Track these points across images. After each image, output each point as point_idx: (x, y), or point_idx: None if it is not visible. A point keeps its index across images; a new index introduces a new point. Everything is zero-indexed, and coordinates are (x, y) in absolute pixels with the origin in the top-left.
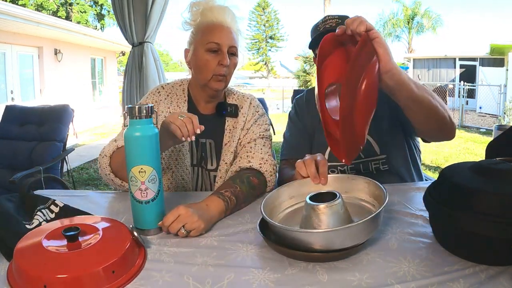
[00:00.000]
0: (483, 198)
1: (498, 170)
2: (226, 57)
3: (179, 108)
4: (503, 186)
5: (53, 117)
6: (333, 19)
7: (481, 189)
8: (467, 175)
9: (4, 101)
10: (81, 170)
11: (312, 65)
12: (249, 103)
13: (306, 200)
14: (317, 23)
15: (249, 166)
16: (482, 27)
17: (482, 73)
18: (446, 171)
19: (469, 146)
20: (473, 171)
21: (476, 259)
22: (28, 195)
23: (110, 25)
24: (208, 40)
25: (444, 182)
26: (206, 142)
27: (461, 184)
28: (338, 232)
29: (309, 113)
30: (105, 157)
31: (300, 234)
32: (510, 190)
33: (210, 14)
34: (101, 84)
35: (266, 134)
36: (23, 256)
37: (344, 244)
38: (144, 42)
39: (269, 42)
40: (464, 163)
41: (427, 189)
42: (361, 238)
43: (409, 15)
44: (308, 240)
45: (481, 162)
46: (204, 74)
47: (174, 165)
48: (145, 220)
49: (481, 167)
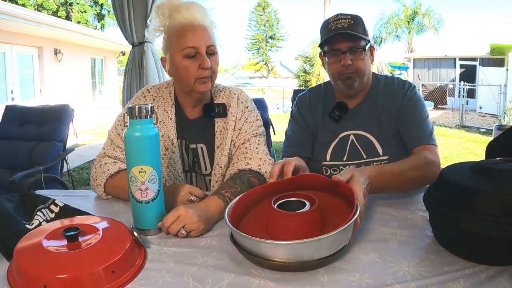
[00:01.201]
0: (483, 198)
1: (498, 170)
2: (205, 59)
3: (166, 113)
4: (503, 186)
5: (53, 117)
6: (345, 18)
7: (481, 189)
8: (467, 175)
9: (4, 101)
10: (81, 170)
11: (312, 65)
12: (236, 99)
13: (273, 207)
14: (328, 20)
15: (248, 169)
16: (482, 27)
17: (482, 73)
18: (445, 171)
19: (469, 146)
20: (473, 171)
21: (476, 259)
22: (28, 195)
23: (110, 25)
24: (184, 46)
25: (444, 182)
26: (197, 147)
27: (461, 184)
28: (304, 245)
29: (312, 112)
30: (99, 186)
31: (263, 244)
32: (510, 190)
33: (177, 15)
34: (101, 84)
35: (259, 131)
36: (23, 256)
37: (312, 256)
38: (144, 42)
39: (269, 42)
40: (464, 163)
41: (427, 189)
42: (329, 250)
43: (410, 15)
44: (271, 251)
45: (481, 162)
46: (186, 81)
47: (166, 173)
48: (145, 220)
49: (481, 167)
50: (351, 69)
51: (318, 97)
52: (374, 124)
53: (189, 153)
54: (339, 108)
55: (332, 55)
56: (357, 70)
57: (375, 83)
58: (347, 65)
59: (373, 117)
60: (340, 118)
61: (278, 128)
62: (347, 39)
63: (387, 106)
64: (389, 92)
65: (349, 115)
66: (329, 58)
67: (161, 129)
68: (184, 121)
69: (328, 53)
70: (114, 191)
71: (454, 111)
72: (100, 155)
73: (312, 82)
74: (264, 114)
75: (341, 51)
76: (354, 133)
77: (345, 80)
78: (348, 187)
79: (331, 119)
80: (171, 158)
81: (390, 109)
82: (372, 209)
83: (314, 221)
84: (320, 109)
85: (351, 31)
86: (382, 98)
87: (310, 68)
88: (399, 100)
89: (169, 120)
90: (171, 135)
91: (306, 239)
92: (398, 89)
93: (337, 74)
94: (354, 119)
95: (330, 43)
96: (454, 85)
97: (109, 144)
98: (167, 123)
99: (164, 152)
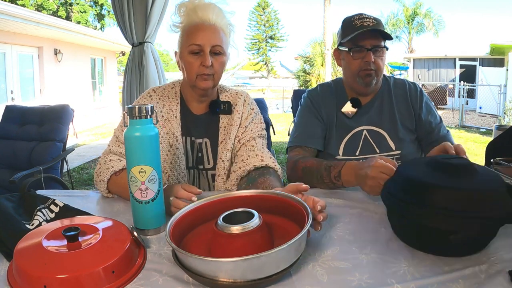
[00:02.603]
0: (439, 193)
1: (454, 165)
2: (207, 58)
3: (171, 111)
4: (459, 181)
5: (53, 117)
6: (369, 18)
7: (437, 185)
8: (424, 171)
9: (4, 101)
10: (81, 170)
11: (312, 65)
12: (243, 100)
13: (217, 221)
14: (352, 18)
15: (265, 165)
16: (482, 27)
17: (482, 73)
18: (402, 168)
19: (469, 146)
20: (429, 167)
21: (433, 251)
22: (28, 195)
23: (110, 25)
24: (190, 42)
25: (401, 178)
26: (203, 141)
27: (418, 180)
28: (250, 261)
29: (326, 107)
30: (102, 183)
31: (204, 262)
32: (465, 185)
33: (194, 14)
34: (101, 84)
35: (263, 134)
36: (23, 256)
37: (256, 275)
38: (144, 42)
39: (269, 42)
40: (420, 159)
41: (384, 184)
42: (277, 266)
43: (410, 15)
44: (213, 269)
45: (437, 158)
46: (190, 75)
47: (170, 169)
48: (145, 220)
49: (436, 163)
50: (372, 67)
51: (331, 93)
52: (387, 120)
53: (194, 149)
54: (353, 103)
55: (356, 51)
56: (378, 68)
57: (385, 83)
58: (370, 62)
59: (385, 113)
60: (354, 113)
61: (278, 128)
62: (373, 37)
63: (400, 104)
64: (401, 92)
65: (362, 111)
66: (353, 54)
67: (166, 126)
68: (189, 117)
69: (353, 49)
70: (116, 189)
71: (454, 111)
72: (105, 152)
73: (312, 82)
74: (264, 114)
75: (366, 48)
76: (367, 128)
77: (364, 78)
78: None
79: (345, 115)
80: (175, 154)
81: (404, 108)
82: (372, 209)
83: (260, 240)
84: (334, 104)
85: (379, 29)
86: (394, 96)
87: (310, 68)
88: (413, 102)
89: (174, 118)
90: (176, 132)
91: (251, 256)
92: (410, 90)
93: (358, 71)
94: (367, 115)
95: (356, 40)
96: (454, 85)
97: (114, 141)
98: (172, 121)
99: (169, 149)
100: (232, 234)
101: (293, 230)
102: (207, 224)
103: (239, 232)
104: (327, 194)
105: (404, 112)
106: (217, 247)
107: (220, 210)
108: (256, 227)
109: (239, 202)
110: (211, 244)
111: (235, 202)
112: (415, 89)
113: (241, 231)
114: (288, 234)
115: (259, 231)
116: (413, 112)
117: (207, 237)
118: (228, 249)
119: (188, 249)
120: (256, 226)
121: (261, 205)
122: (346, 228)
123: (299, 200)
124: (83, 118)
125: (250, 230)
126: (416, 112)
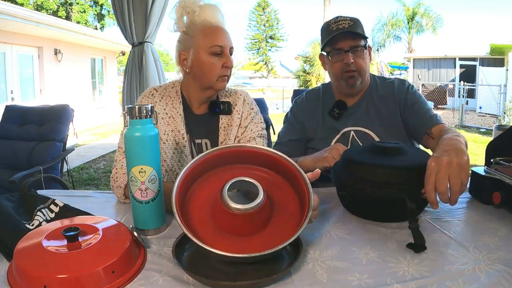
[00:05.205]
0: (381, 170)
1: (389, 148)
2: (230, 59)
3: (174, 109)
4: (394, 160)
5: (53, 117)
6: (345, 20)
7: (379, 164)
8: (367, 154)
9: (4, 101)
10: (81, 170)
11: (312, 65)
12: (242, 100)
13: (222, 192)
14: (329, 22)
15: None
16: (482, 27)
17: (482, 73)
18: (348, 153)
19: (469, 146)
20: (370, 151)
21: (378, 218)
22: (28, 195)
23: (110, 25)
24: (212, 44)
25: (348, 161)
26: (202, 142)
27: (351, 159)
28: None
29: (310, 113)
30: (119, 189)
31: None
32: (397, 163)
33: (204, 15)
34: (101, 84)
35: (263, 133)
36: (23, 256)
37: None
38: (144, 42)
39: (269, 42)
40: (361, 146)
41: (332, 168)
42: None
43: (409, 15)
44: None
45: (375, 143)
46: (209, 77)
47: (178, 167)
48: (145, 220)
49: (375, 147)
50: (353, 67)
51: (316, 98)
52: (374, 120)
53: (195, 148)
54: (338, 106)
55: (335, 55)
56: (359, 68)
57: (373, 83)
58: (349, 63)
59: (372, 114)
60: (340, 115)
61: (278, 128)
62: (348, 38)
63: (388, 103)
64: (389, 90)
65: (348, 112)
66: (332, 57)
67: (171, 124)
68: (191, 117)
69: (331, 53)
70: None
71: (454, 111)
72: (119, 154)
73: (312, 82)
74: (264, 114)
75: (344, 50)
76: (354, 129)
77: (347, 80)
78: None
79: (332, 117)
80: (182, 152)
81: (392, 107)
82: None
83: (263, 218)
84: (320, 109)
85: (352, 31)
86: (381, 96)
87: (310, 68)
88: (401, 98)
89: (178, 115)
90: (181, 130)
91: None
92: (398, 87)
93: (340, 73)
94: (354, 116)
95: (333, 43)
96: (454, 85)
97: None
98: (176, 118)
99: (175, 147)
100: (234, 214)
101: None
102: (214, 173)
103: (240, 213)
104: (327, 194)
105: (390, 110)
106: (219, 217)
107: (227, 162)
108: (258, 208)
109: (248, 157)
110: (213, 210)
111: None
112: (402, 85)
113: (243, 212)
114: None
115: (260, 211)
116: (398, 107)
117: (211, 190)
118: (229, 224)
119: (191, 205)
120: (258, 207)
121: (268, 163)
122: (346, 228)
123: (304, 176)
124: (83, 118)
125: (250, 212)
126: (401, 106)
